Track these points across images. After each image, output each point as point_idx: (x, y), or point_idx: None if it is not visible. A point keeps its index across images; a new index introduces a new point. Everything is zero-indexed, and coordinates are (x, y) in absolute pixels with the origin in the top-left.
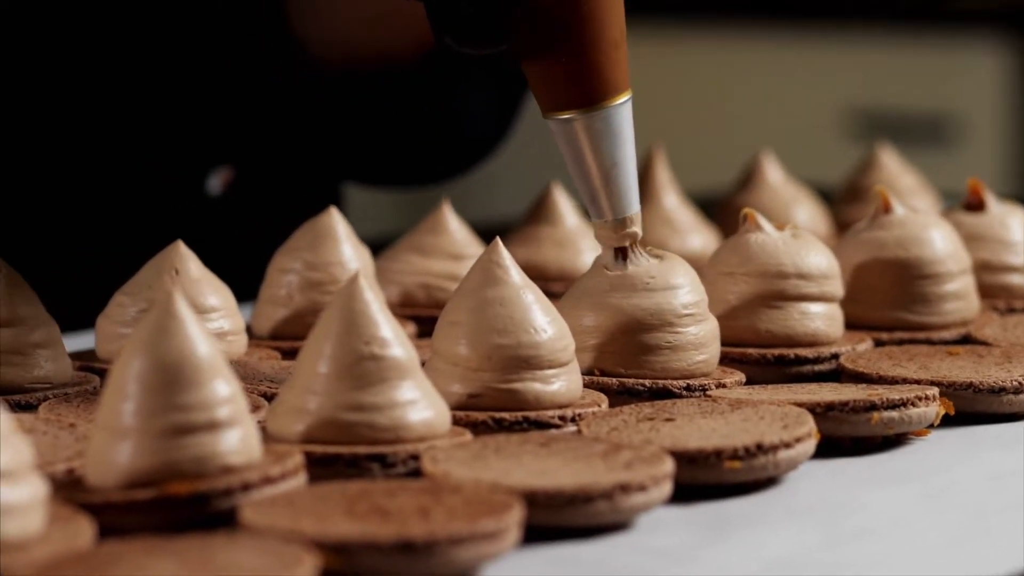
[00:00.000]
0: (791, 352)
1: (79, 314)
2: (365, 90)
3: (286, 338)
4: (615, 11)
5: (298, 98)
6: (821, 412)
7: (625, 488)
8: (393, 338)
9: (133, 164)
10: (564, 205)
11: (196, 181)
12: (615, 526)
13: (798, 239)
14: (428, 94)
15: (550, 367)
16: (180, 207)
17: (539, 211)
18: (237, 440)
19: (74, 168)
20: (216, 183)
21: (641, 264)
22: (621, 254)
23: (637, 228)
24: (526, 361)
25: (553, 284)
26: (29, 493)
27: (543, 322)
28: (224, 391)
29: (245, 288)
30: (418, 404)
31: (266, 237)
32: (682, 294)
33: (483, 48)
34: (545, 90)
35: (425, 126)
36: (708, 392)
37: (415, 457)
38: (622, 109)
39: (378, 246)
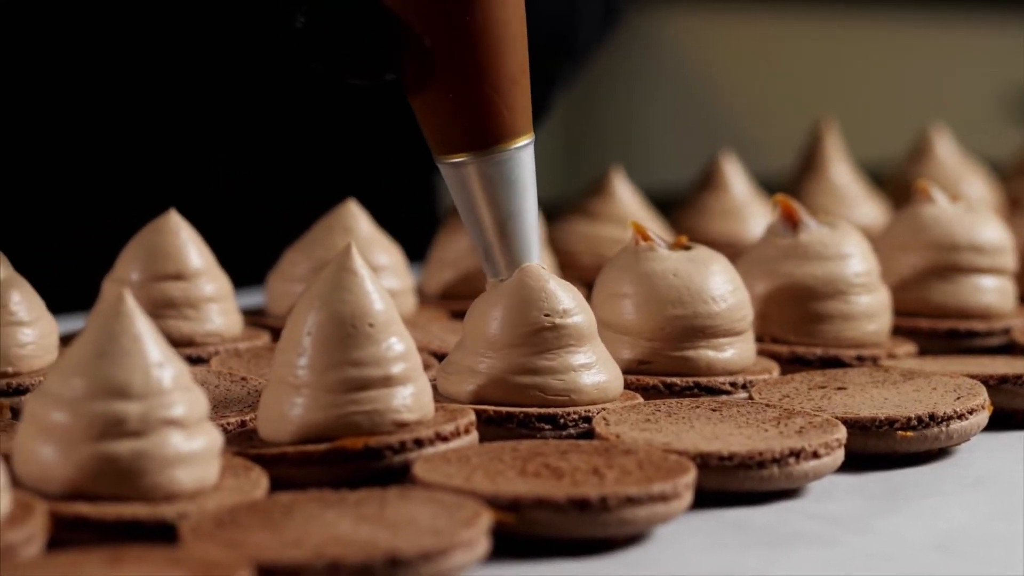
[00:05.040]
0: (963, 325)
1: (249, 270)
2: None
3: (455, 298)
4: (513, 42)
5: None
6: (994, 384)
7: (797, 454)
8: (574, 306)
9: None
10: (732, 173)
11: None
12: (785, 492)
13: (972, 212)
14: None
15: (726, 335)
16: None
17: (707, 179)
18: (410, 397)
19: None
20: None
21: (813, 233)
22: (791, 223)
23: None
24: (702, 331)
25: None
26: (205, 443)
27: (724, 291)
28: (399, 347)
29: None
30: (592, 368)
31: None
32: (854, 263)
33: (363, 80)
34: (434, 129)
35: None
36: (879, 362)
37: (587, 419)
38: (520, 154)
39: (546, 209)
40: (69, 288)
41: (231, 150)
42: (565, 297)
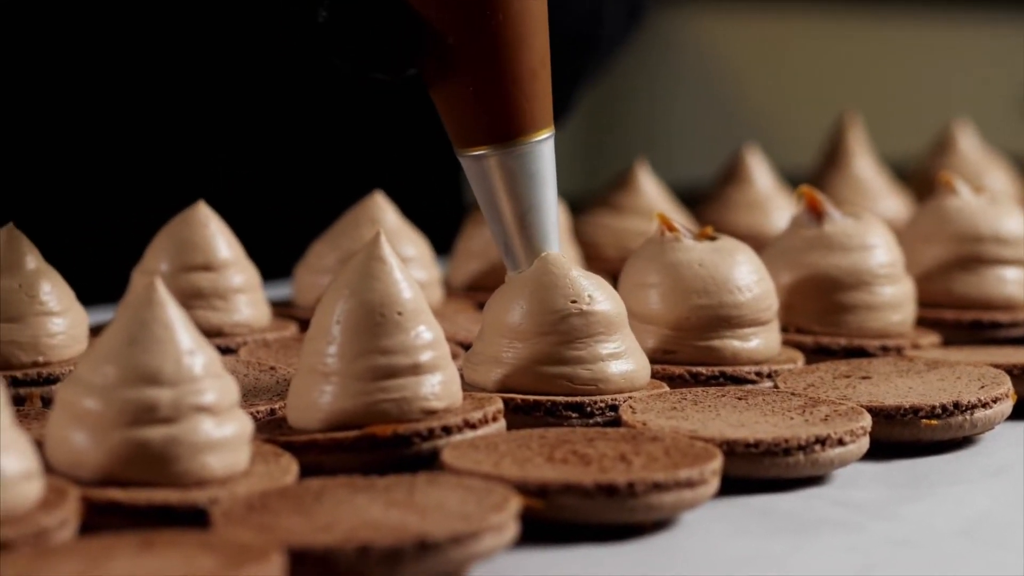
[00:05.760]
0: (986, 316)
1: (276, 263)
2: None
3: (481, 290)
4: (534, 37)
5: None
6: (1018, 374)
7: (823, 441)
8: (599, 293)
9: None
10: (756, 167)
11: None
12: (810, 479)
13: (995, 204)
14: None
15: (751, 325)
16: None
17: (731, 173)
18: (439, 384)
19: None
20: None
21: (837, 224)
22: (816, 214)
23: None
24: (727, 320)
25: None
26: (236, 430)
27: (749, 281)
28: (427, 336)
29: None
30: (621, 357)
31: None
32: (878, 254)
33: (384, 75)
34: (455, 122)
35: None
36: (904, 352)
37: (613, 407)
38: (541, 147)
39: (571, 202)
40: (98, 280)
41: (259, 143)
42: (588, 284)
